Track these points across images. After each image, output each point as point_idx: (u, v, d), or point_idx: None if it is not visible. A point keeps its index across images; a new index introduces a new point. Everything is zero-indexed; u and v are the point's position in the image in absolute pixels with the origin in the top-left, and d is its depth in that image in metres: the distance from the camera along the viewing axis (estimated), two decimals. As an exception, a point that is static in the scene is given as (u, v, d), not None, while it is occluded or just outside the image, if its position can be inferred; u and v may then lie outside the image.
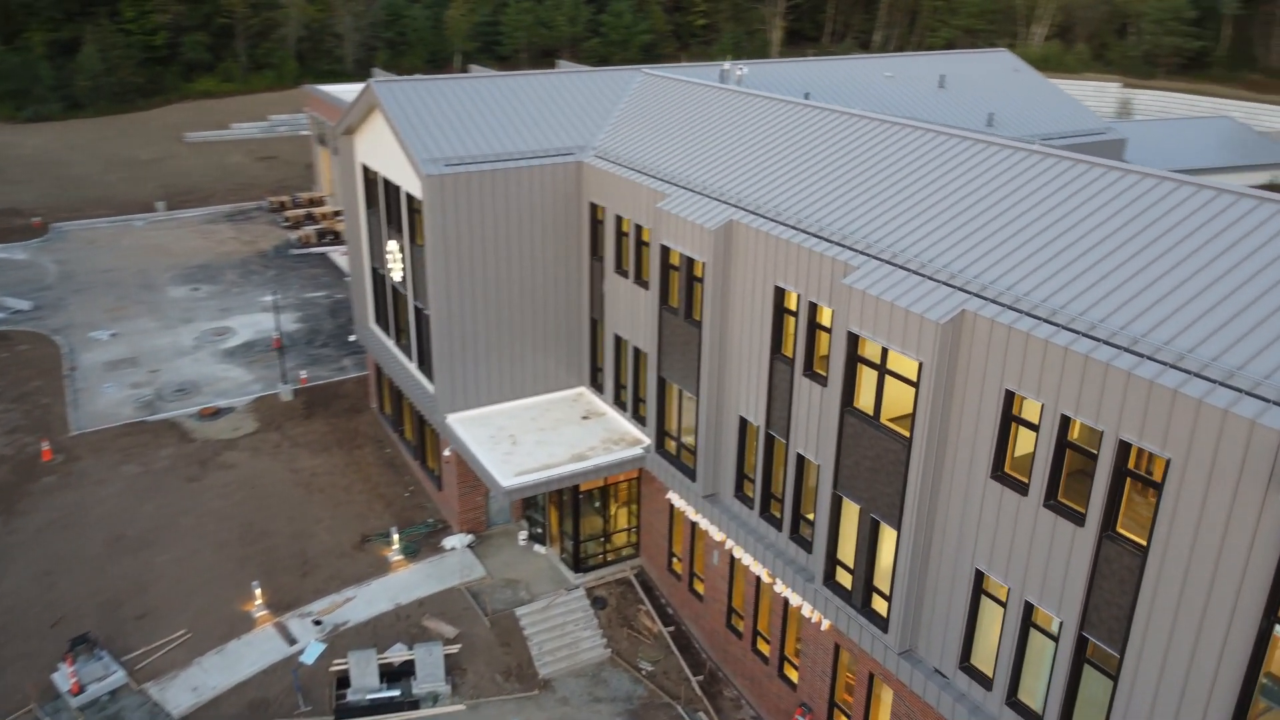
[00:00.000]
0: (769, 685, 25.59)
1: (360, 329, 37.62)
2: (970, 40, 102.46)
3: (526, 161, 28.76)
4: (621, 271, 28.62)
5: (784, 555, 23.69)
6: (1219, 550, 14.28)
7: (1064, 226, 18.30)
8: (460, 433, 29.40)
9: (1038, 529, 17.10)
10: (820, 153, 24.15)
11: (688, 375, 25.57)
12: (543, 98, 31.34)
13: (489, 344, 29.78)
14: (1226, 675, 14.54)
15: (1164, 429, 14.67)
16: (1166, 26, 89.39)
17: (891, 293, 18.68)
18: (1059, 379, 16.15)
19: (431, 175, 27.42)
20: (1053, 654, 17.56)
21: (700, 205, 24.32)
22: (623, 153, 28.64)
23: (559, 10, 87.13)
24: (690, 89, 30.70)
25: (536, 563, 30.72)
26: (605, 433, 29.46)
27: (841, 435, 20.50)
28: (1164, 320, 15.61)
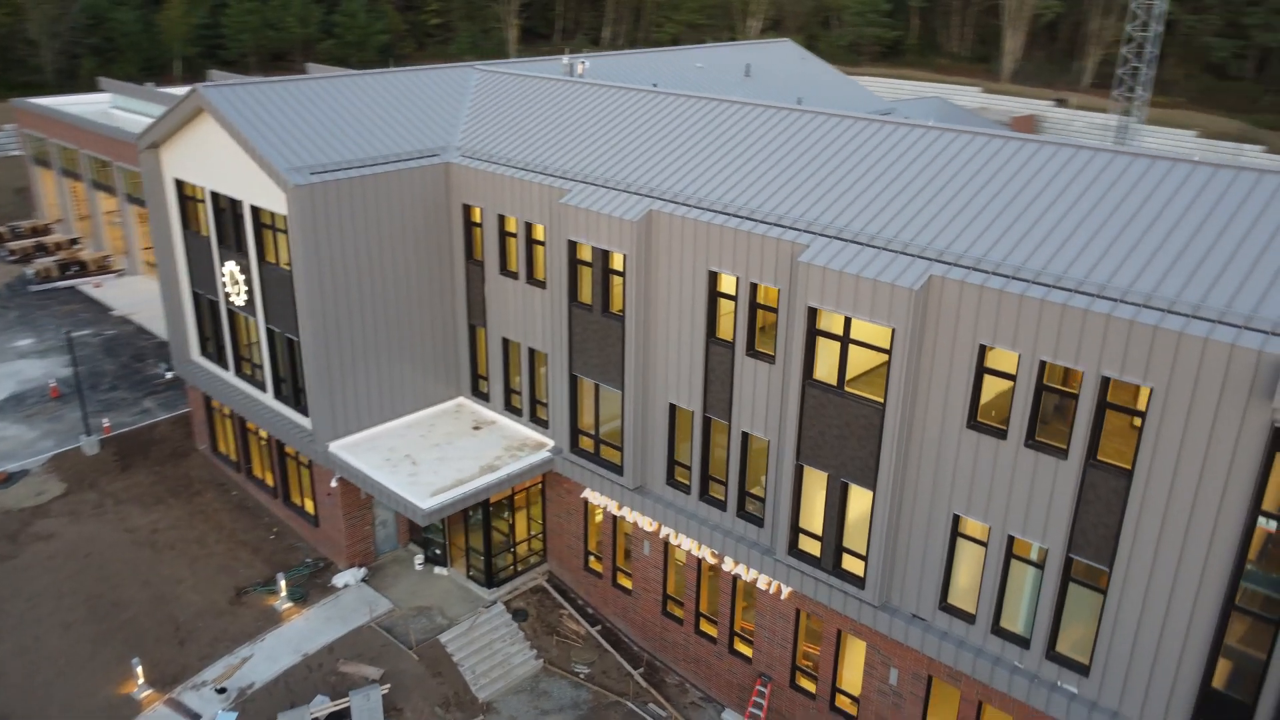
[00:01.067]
0: (718, 664, 26.06)
1: (181, 364, 33.82)
2: (695, 35, 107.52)
3: (392, 165, 27.16)
4: (508, 273, 27.80)
5: (732, 534, 24.20)
6: (1203, 461, 16.40)
7: (1004, 196, 20.04)
8: (351, 460, 27.35)
9: (1018, 468, 18.73)
10: (721, 141, 24.75)
11: (608, 369, 25.36)
12: (384, 99, 29.62)
13: (367, 363, 27.90)
14: (1213, 572, 16.75)
15: (1145, 362, 16.60)
16: (867, 19, 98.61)
17: (854, 266, 19.63)
18: (1036, 329, 17.76)
19: (300, 185, 25.23)
20: (1036, 580, 19.34)
21: (610, 198, 24.17)
22: (495, 151, 27.77)
23: (287, 11, 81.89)
24: (549, 84, 30.26)
25: (441, 585, 29.23)
26: (503, 440, 28.54)
27: (804, 407, 21.28)
28: (1118, 268, 17.62)
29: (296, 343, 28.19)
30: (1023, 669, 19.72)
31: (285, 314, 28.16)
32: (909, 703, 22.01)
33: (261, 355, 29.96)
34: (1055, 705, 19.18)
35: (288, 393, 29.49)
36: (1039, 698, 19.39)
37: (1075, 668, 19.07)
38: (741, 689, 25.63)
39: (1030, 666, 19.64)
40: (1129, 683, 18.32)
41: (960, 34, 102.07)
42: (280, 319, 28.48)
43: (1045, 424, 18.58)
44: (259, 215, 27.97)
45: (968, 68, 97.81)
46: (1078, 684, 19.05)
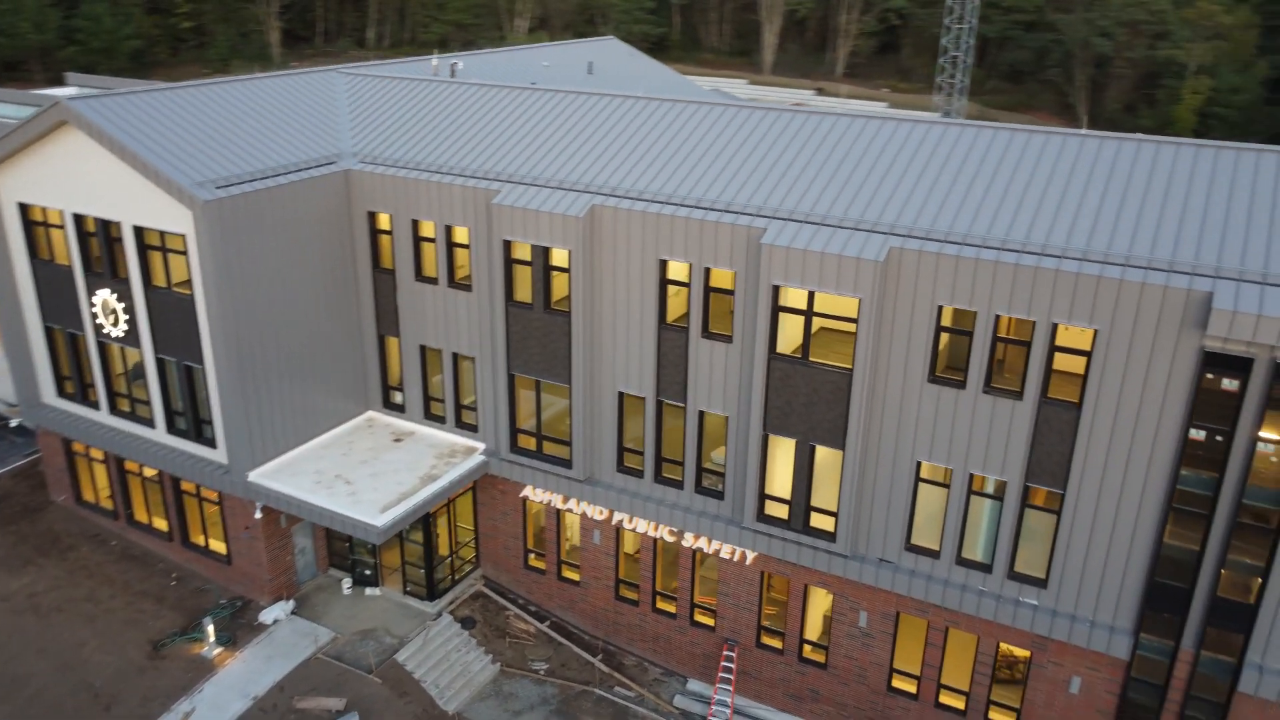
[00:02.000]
0: (679, 638, 27.07)
1: (32, 409, 30.40)
2: (462, 35, 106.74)
3: (293, 175, 25.96)
4: (425, 279, 27.32)
5: (691, 510, 25.29)
6: (1143, 387, 19.31)
7: (945, 174, 22.29)
8: (279, 488, 25.95)
9: (978, 412, 21.09)
10: (651, 136, 25.64)
11: (553, 365, 25.64)
12: (258, 107, 28.01)
13: (280, 384, 26.51)
14: (1154, 480, 19.75)
15: (1090, 307, 19.29)
16: (634, 16, 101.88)
17: (817, 244, 21.24)
18: (991, 287, 20.10)
19: (210, 201, 23.65)
20: (994, 511, 21.82)
21: (548, 196, 24.47)
22: (401, 155, 27.17)
23: (19, 15, 73.35)
24: (437, 87, 29.84)
25: (378, 606, 28.30)
26: (431, 449, 28.05)
27: (770, 380, 22.70)
28: (1051, 230, 20.26)
29: (198, 370, 26.35)
30: (987, 591, 22.21)
31: (182, 341, 26.22)
32: (879, 641, 24.06)
33: (148, 389, 27.64)
34: (1021, 619, 21.78)
35: (186, 426, 27.42)
36: (1006, 614, 21.92)
37: (1034, 583, 21.73)
38: (705, 658, 26.81)
39: (994, 589, 22.16)
40: (1084, 587, 21.17)
41: (719, 29, 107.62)
42: (175, 347, 26.46)
43: (1000, 372, 21.05)
44: (143, 237, 25.83)
45: (731, 61, 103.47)
46: (1037, 596, 21.74)
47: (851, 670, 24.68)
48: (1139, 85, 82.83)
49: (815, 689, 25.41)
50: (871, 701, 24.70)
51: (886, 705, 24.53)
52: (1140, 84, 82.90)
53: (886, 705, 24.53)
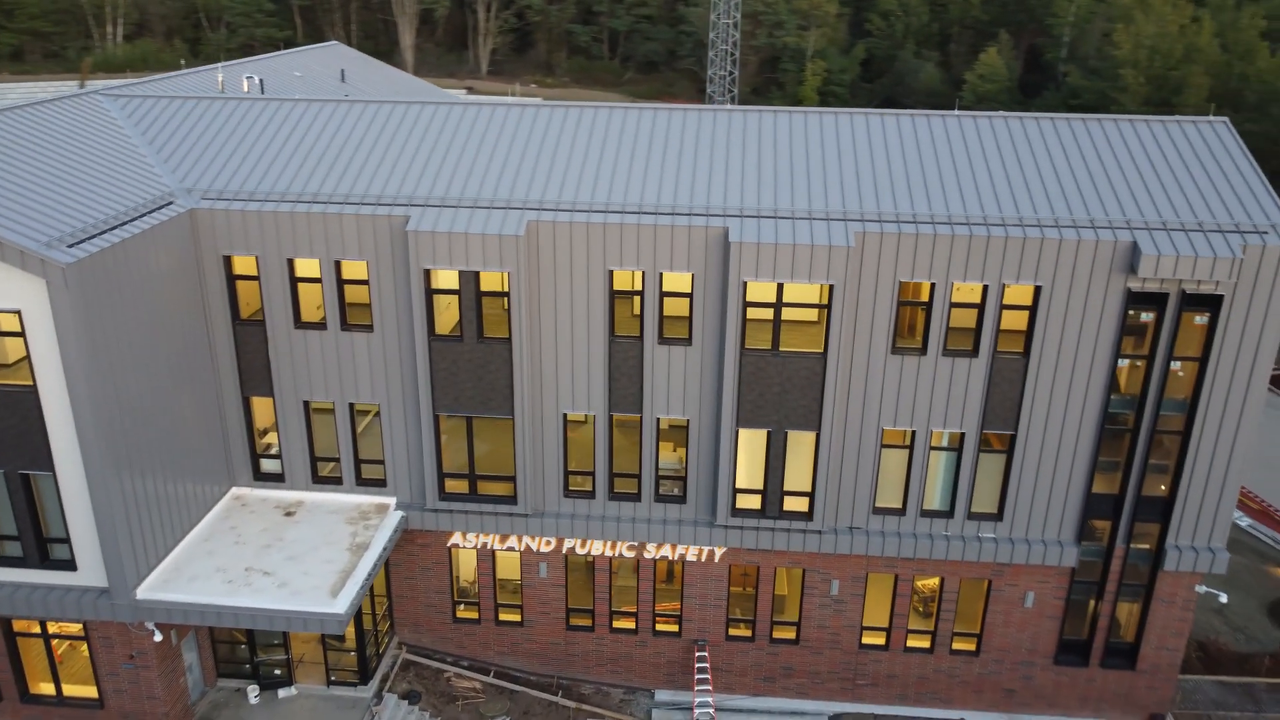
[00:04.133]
0: (641, 653, 26.43)
1: None
2: (42, 45, 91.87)
3: (138, 223, 21.40)
4: (308, 325, 23.86)
5: (652, 519, 24.81)
6: (1079, 329, 22.26)
7: (883, 161, 23.72)
8: (186, 599, 21.48)
9: (938, 374, 22.98)
10: (566, 144, 24.41)
11: (490, 398, 23.67)
12: (35, 145, 22.47)
13: (150, 476, 21.87)
14: (1090, 408, 22.89)
15: (1035, 266, 21.83)
16: (253, 19, 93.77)
17: (786, 238, 21.77)
18: (948, 258, 21.96)
19: (70, 264, 18.80)
20: (951, 461, 23.93)
21: (472, 216, 22.49)
22: (259, 188, 23.37)
23: None
24: (268, 106, 25.92)
25: (301, 706, 24.45)
26: (336, 515, 24.71)
27: (742, 375, 22.90)
28: (983, 202, 22.54)
29: (42, 479, 20.96)
30: (949, 535, 24.36)
31: (13, 446, 20.64)
32: (850, 605, 25.38)
33: (-44, 512, 21.43)
34: (985, 553, 24.19)
35: (24, 552, 21.65)
36: (971, 552, 24.22)
37: (990, 518, 24.22)
38: (669, 665, 26.49)
39: (955, 531, 24.35)
40: (1034, 512, 24.00)
41: (346, 31, 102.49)
42: (1, 456, 20.76)
43: (955, 335, 23.06)
44: (-60, 320, 19.90)
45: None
46: (994, 529, 24.27)
47: (824, 638, 25.80)
48: (760, 70, 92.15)
49: (788, 665, 26.22)
50: (844, 663, 26.04)
51: (859, 662, 26.01)
52: (761, 69, 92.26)
53: (859, 662, 26.01)
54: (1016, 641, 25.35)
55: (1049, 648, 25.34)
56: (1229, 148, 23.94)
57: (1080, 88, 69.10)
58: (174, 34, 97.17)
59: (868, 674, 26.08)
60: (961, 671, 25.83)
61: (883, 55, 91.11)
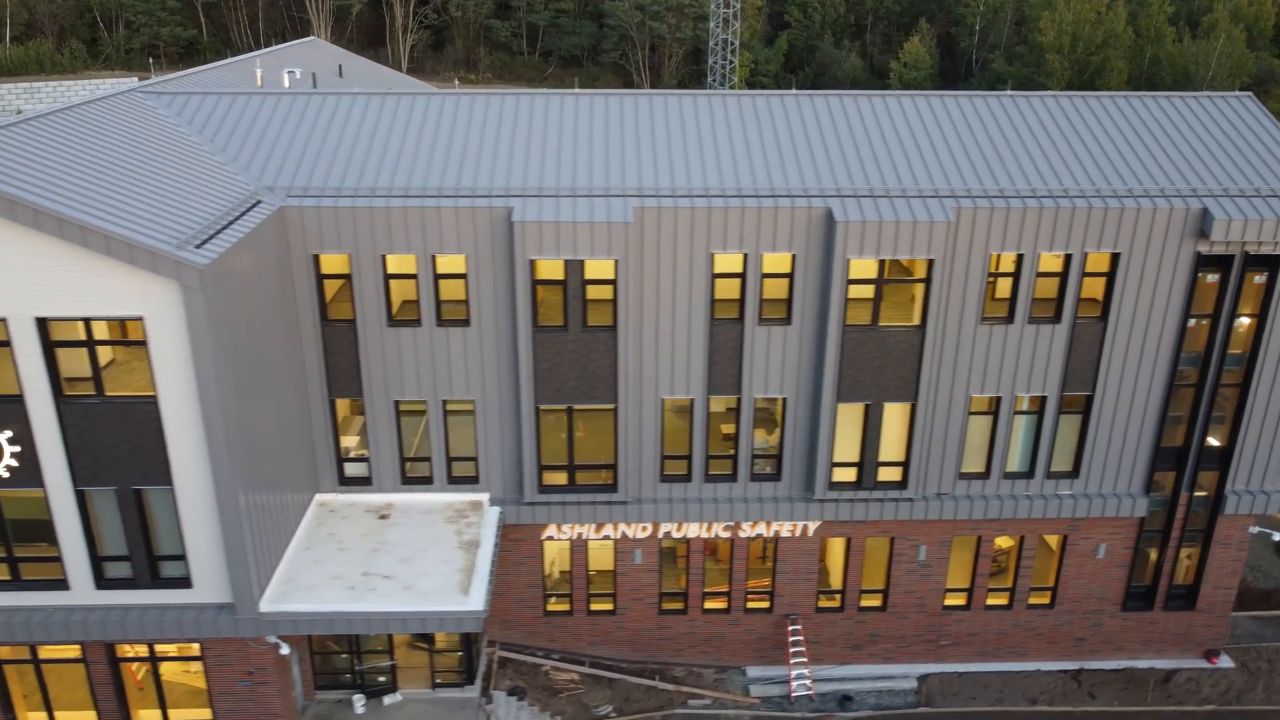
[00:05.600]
0: (733, 631, 26.81)
1: None
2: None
3: (245, 223, 20.58)
4: (400, 323, 23.34)
5: (748, 498, 25.23)
6: (1153, 292, 23.72)
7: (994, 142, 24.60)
8: (315, 608, 20.83)
9: (1023, 342, 24.10)
10: (633, 131, 24.50)
11: (593, 388, 23.62)
12: (103, 146, 21.20)
13: (262, 488, 21.09)
14: (1161, 365, 24.40)
15: (1115, 234, 23.15)
16: (157, 18, 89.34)
17: (889, 215, 22.49)
18: (1036, 230, 23.07)
19: (205, 267, 18.00)
20: (1031, 424, 25.12)
21: (578, 205, 22.43)
22: (346, 184, 22.72)
23: None
24: (331, 100, 25.20)
25: (409, 712, 23.91)
26: (434, 515, 24.26)
27: (843, 352, 23.52)
28: (1046, 175, 23.75)
29: (157, 495, 19.99)
30: (1029, 494, 25.58)
31: (128, 461, 19.62)
32: (936, 568, 26.35)
33: (58, 538, 20.15)
34: (1065, 509, 25.49)
35: (134, 572, 20.58)
36: (1051, 510, 25.48)
37: (1067, 476, 25.53)
38: (759, 642, 26.96)
39: (1035, 491, 25.59)
40: (1107, 467, 25.43)
41: (253, 28, 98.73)
42: (115, 472, 19.69)
43: (1039, 303, 24.22)
44: (47, 332, 18.71)
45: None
46: (1071, 486, 25.60)
47: (910, 603, 26.72)
48: (686, 62, 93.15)
49: (875, 632, 27.05)
50: (928, 625, 27.03)
51: (941, 624, 27.04)
52: (686, 60, 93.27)
53: (941, 624, 27.04)
54: (1088, 592, 26.81)
55: (1117, 595, 26.90)
56: (1260, 118, 25.85)
57: (1005, 73, 72.41)
58: (68, 34, 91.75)
59: (950, 634, 27.14)
60: (1037, 624, 27.16)
61: (802, 46, 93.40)
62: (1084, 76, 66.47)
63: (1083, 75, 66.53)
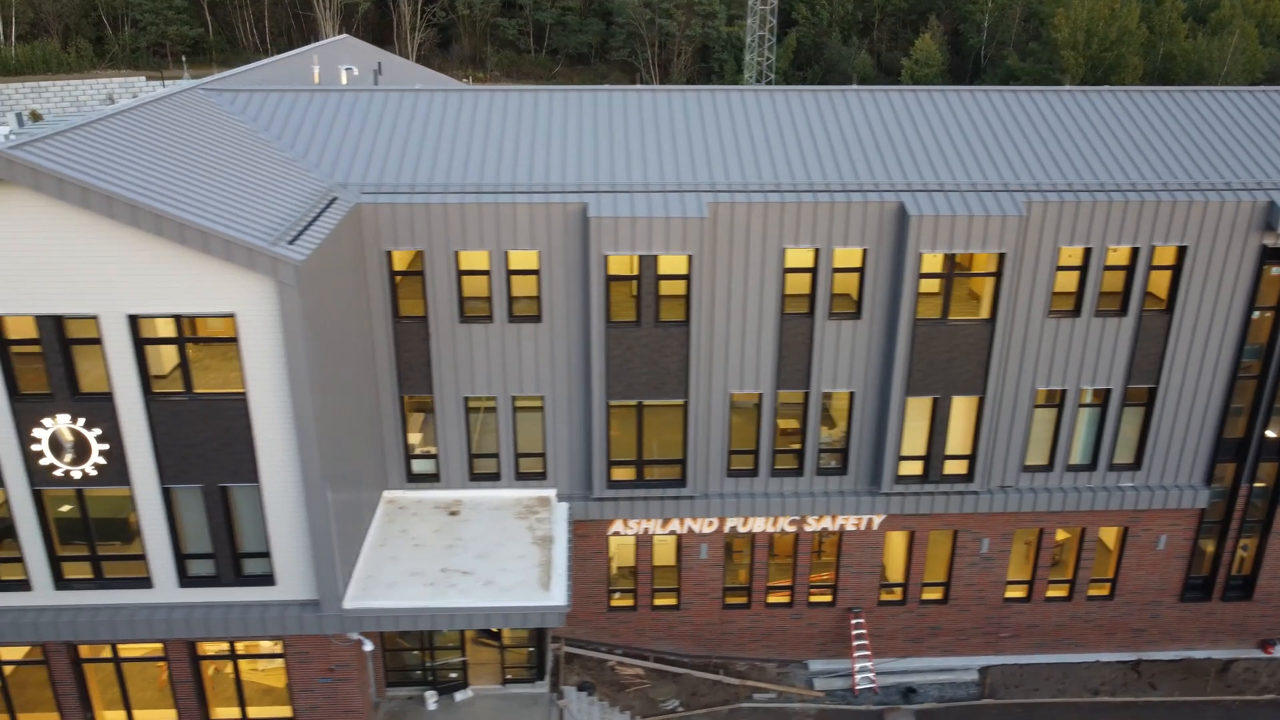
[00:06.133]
0: (795, 625, 26.91)
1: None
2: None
3: (328, 219, 20.57)
4: (472, 319, 23.34)
5: (813, 492, 25.33)
6: (1218, 285, 23.90)
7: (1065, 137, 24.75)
8: (400, 604, 20.84)
9: (1089, 335, 24.25)
10: (705, 127, 24.56)
11: (663, 383, 23.67)
12: (173, 143, 21.09)
13: (342, 484, 21.07)
14: (1225, 357, 24.60)
15: (1182, 228, 23.32)
16: (164, 16, 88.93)
17: (962, 209, 22.60)
18: (1105, 224, 23.22)
19: (300, 262, 17.98)
20: (1095, 417, 25.28)
21: (650, 200, 22.47)
22: (419, 180, 22.73)
23: None
24: (376, 96, 25.20)
25: (482, 708, 23.89)
26: (504, 511, 24.28)
27: (914, 345, 23.63)
28: (1113, 169, 23.90)
29: (243, 492, 19.95)
30: (1092, 487, 25.75)
31: (216, 459, 19.58)
32: (997, 561, 26.49)
33: (143, 535, 20.11)
34: (1126, 501, 25.66)
35: (217, 570, 20.54)
36: (1114, 502, 25.66)
37: (1129, 468, 25.71)
38: (821, 635, 27.07)
39: (1097, 483, 25.75)
40: (1169, 459, 25.62)
41: (257, 28, 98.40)
42: (202, 469, 19.64)
43: (1105, 296, 24.38)
44: (138, 329, 18.66)
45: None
46: (1133, 478, 25.78)
47: (971, 596, 26.86)
48: (694, 60, 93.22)
49: (935, 625, 27.19)
50: (988, 618, 27.18)
51: (1001, 616, 27.19)
52: (695, 59, 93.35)
53: (1001, 616, 27.19)
54: (1147, 583, 27.00)
55: (1176, 586, 27.10)
56: (1316, 113, 26.07)
57: (1018, 69, 72.72)
58: (73, 33, 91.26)
59: (1010, 626, 27.30)
60: (1096, 616, 27.34)
61: (809, 44, 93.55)
62: (1098, 73, 66.86)
63: (1096, 71, 66.92)
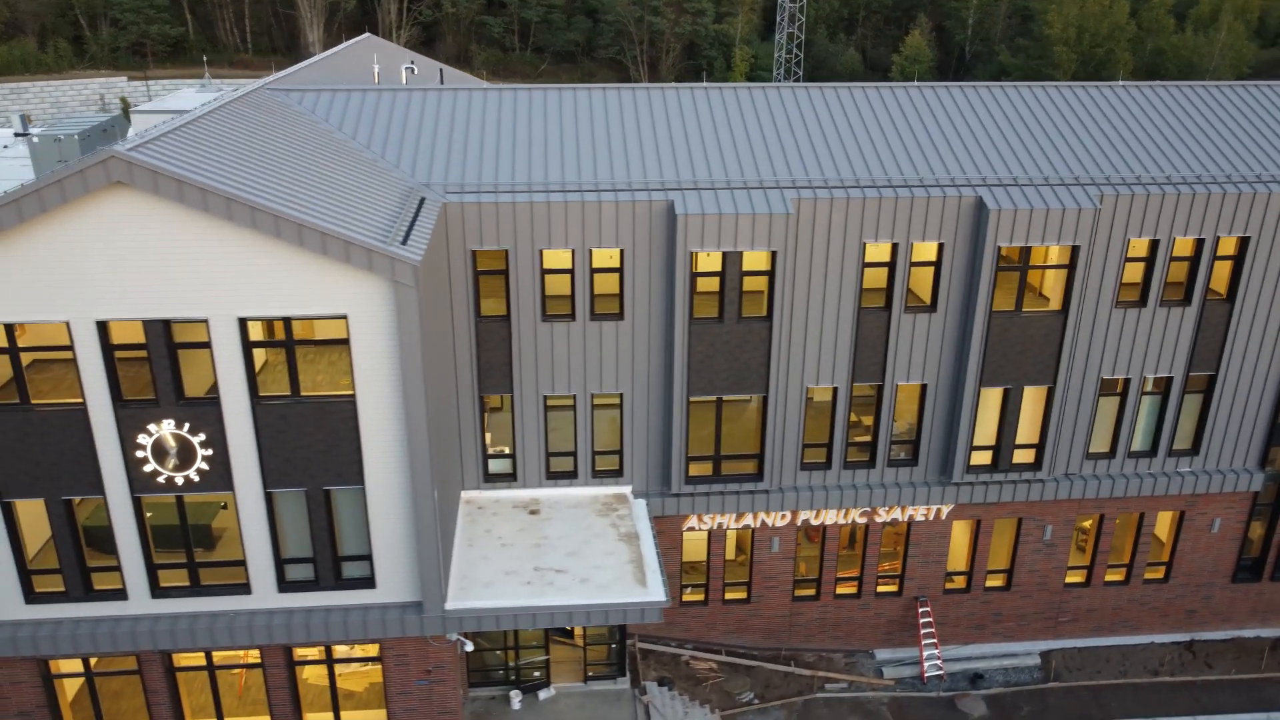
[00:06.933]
0: (862, 615, 27.26)
1: (-29, 636, 19.81)
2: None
3: (425, 220, 20.51)
4: (554, 318, 23.38)
5: (884, 484, 25.68)
6: (1278, 276, 24.59)
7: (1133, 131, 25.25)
8: (502, 604, 20.85)
9: (1154, 324, 24.84)
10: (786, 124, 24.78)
11: (744, 378, 23.86)
12: (258, 144, 20.91)
13: (440, 486, 21.02)
14: (1279, 358, 25.32)
15: (1246, 218, 23.96)
16: (146, 15, 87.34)
17: (1039, 203, 23.04)
18: (1173, 215, 23.79)
19: (417, 262, 17.94)
20: (1155, 405, 25.89)
21: (735, 197, 22.65)
22: (502, 179, 22.71)
23: None
24: (444, 96, 25.22)
25: (567, 705, 23.98)
26: (584, 509, 24.35)
27: (988, 337, 24.04)
28: (1176, 162, 24.48)
29: (346, 495, 19.86)
30: (1152, 473, 26.36)
31: (321, 462, 19.47)
32: (1059, 548, 27.03)
33: (243, 540, 19.93)
34: (1186, 485, 26.30)
35: (320, 572, 20.41)
36: (1173, 487, 26.29)
37: (1187, 453, 26.36)
38: (888, 625, 27.45)
39: (1157, 469, 26.37)
40: (1225, 444, 26.30)
41: (237, 27, 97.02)
42: (307, 472, 19.52)
43: (1170, 287, 24.96)
44: (247, 332, 18.51)
45: (279, 61, 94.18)
46: (1191, 463, 26.43)
47: (1033, 582, 27.38)
48: (682, 57, 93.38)
49: (998, 612, 27.69)
50: (1049, 603, 27.72)
51: (1061, 600, 27.74)
52: (683, 56, 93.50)
53: (1061, 600, 27.74)
54: (1201, 565, 27.71)
55: (1228, 567, 27.84)
56: (1359, 106, 26.87)
57: (1010, 65, 73.80)
58: (50, 33, 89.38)
59: (1069, 611, 27.87)
60: (1151, 598, 28.01)
61: (797, 41, 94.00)
62: (1089, 68, 68.08)
63: (1088, 67, 68.14)
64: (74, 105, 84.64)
